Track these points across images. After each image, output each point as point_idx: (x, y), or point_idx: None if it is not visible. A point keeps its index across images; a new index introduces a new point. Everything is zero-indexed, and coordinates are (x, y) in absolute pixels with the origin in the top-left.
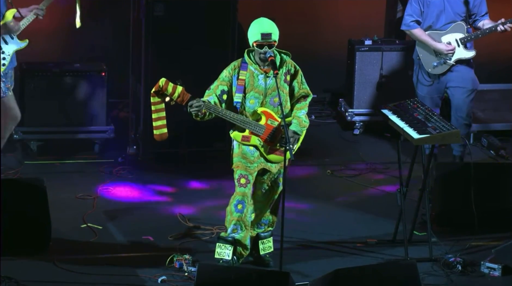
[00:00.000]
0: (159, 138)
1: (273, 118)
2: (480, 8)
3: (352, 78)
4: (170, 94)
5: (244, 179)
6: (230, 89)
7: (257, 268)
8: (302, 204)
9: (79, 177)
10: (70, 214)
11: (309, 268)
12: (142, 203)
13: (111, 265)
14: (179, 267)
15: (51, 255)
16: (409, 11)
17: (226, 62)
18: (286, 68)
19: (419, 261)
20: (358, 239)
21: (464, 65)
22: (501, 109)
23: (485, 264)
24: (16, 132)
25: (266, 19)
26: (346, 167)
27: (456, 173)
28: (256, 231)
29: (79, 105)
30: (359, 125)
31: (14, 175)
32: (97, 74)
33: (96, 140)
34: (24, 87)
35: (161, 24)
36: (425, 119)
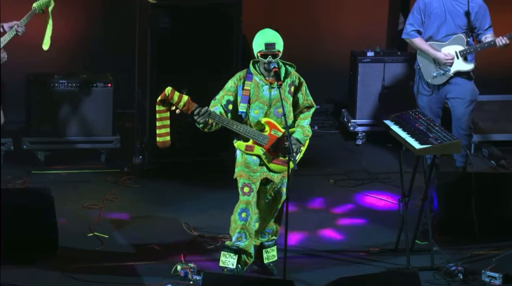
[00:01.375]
0: (162, 145)
1: (276, 129)
2: (482, 21)
3: (355, 89)
4: (176, 103)
5: (247, 188)
6: (235, 99)
7: (261, 277)
8: (306, 214)
9: (86, 187)
10: (77, 223)
11: (312, 276)
12: (148, 212)
13: (117, 274)
14: (184, 276)
15: (57, 263)
16: (411, 21)
17: (231, 73)
18: (290, 80)
19: (421, 270)
20: (360, 248)
21: (464, 77)
22: (501, 119)
23: (486, 273)
24: (24, 142)
25: (270, 29)
26: (348, 177)
27: (458, 182)
28: (260, 240)
29: (86, 115)
30: (362, 135)
31: (21, 184)
32: (103, 85)
33: (102, 150)
34: (31, 97)
35: (167, 35)
36: (427, 130)
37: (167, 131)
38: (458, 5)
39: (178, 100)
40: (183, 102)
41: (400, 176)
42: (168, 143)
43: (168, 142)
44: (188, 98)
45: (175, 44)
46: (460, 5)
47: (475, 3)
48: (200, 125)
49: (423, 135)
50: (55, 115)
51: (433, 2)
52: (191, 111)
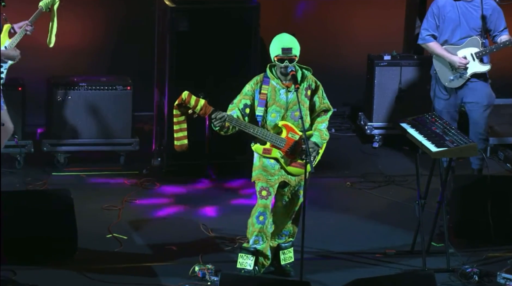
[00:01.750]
0: (179, 148)
1: (294, 132)
2: (497, 23)
3: (372, 92)
4: (193, 106)
5: (265, 192)
6: (252, 103)
7: (278, 278)
8: (322, 216)
9: (105, 189)
10: (96, 225)
11: (329, 278)
12: (166, 213)
13: (135, 275)
14: (202, 277)
15: (76, 264)
16: (425, 26)
17: (248, 76)
18: (307, 83)
19: (437, 272)
20: (377, 250)
21: (480, 80)
22: None
23: (502, 275)
24: (44, 145)
25: (287, 34)
26: (365, 180)
27: (474, 185)
28: (277, 242)
29: (105, 118)
30: (378, 138)
31: (42, 186)
32: (122, 88)
33: (122, 152)
34: (52, 100)
35: (185, 39)
36: (443, 133)
37: (185, 135)
38: (472, 8)
39: (195, 104)
40: (200, 106)
41: (417, 179)
42: (186, 146)
43: (186, 145)
44: (205, 102)
45: (194, 47)
46: (474, 8)
47: (489, 6)
48: (217, 128)
49: (439, 138)
50: (75, 118)
51: (447, 6)
52: (208, 114)
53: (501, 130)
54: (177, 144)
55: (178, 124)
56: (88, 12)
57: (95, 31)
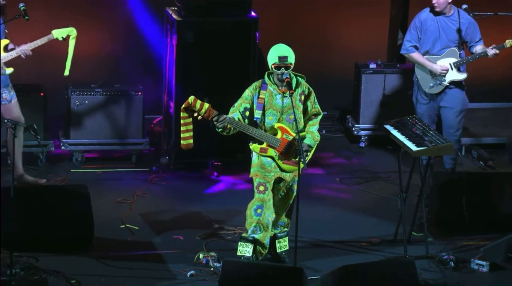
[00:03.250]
0: (185, 147)
1: (288, 133)
2: (473, 35)
3: (358, 97)
4: (198, 110)
5: (262, 187)
6: (251, 106)
7: (274, 264)
8: (314, 208)
9: (119, 184)
10: (111, 216)
11: (320, 264)
12: (173, 206)
13: (146, 261)
14: (205, 263)
15: (93, 252)
16: (408, 38)
17: (247, 82)
18: (301, 89)
19: (417, 259)
20: (363, 239)
21: (457, 87)
22: (490, 125)
23: (475, 261)
24: (64, 144)
25: (283, 44)
26: (353, 176)
27: (450, 181)
28: (273, 232)
29: (119, 120)
30: (365, 139)
31: (61, 182)
32: (134, 93)
33: (133, 151)
34: (70, 104)
35: (191, 49)
36: (423, 134)
37: (190, 135)
38: (450, 22)
39: (200, 107)
40: (204, 109)
41: (399, 175)
42: (191, 146)
43: (191, 144)
44: (208, 105)
45: (199, 57)
46: (452, 22)
47: (465, 19)
48: (219, 130)
49: (419, 139)
50: (92, 120)
51: (428, 20)
52: (211, 117)
53: (475, 131)
54: (183, 143)
55: (184, 126)
56: (106, 25)
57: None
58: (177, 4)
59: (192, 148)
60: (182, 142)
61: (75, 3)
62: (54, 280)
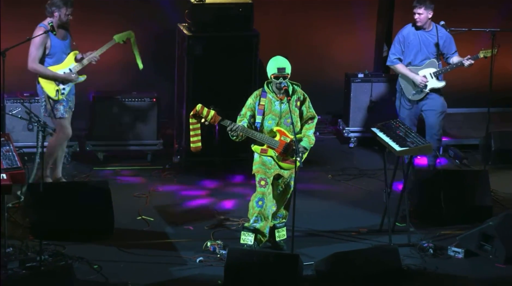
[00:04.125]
0: (194, 150)
1: (285, 135)
2: (449, 48)
3: (348, 103)
4: (205, 116)
5: (263, 181)
6: (254, 113)
7: (273, 251)
8: (309, 201)
9: (135, 180)
10: (128, 209)
11: (314, 251)
12: (184, 200)
13: (160, 249)
14: (213, 250)
15: (113, 241)
16: (393, 51)
17: (249, 90)
18: (297, 96)
19: (400, 246)
20: (352, 229)
21: (436, 93)
22: (464, 127)
23: (451, 249)
24: (87, 145)
25: (281, 56)
26: (343, 173)
27: (429, 177)
28: (273, 223)
29: (136, 123)
30: (354, 140)
31: (85, 178)
32: (149, 100)
33: (149, 151)
34: (93, 110)
35: (199, 61)
36: (405, 135)
37: (199, 139)
38: (429, 36)
39: (207, 114)
40: (211, 116)
41: (384, 172)
42: (199, 148)
43: (200, 147)
44: (214, 112)
45: (206, 68)
46: (431, 36)
47: (442, 34)
48: (233, 138)
49: (402, 140)
50: (112, 124)
51: (410, 35)
52: (217, 122)
53: (451, 133)
54: (193, 146)
55: (193, 130)
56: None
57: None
58: (188, 21)
59: (200, 150)
60: (192, 145)
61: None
62: (78, 265)
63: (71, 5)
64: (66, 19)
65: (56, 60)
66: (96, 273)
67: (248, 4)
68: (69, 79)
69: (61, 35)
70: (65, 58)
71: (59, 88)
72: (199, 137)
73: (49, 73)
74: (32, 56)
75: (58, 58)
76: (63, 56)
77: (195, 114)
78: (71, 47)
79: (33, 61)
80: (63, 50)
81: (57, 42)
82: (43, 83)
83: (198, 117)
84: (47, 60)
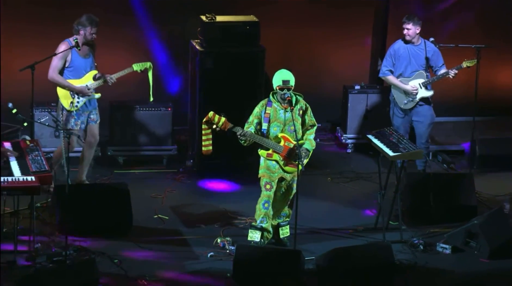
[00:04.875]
0: (206, 153)
1: (289, 141)
2: (437, 61)
3: (346, 112)
4: (216, 123)
5: (269, 185)
6: (260, 120)
7: (278, 247)
8: (310, 202)
9: (152, 182)
10: (146, 208)
11: (315, 247)
12: (196, 200)
13: (174, 245)
14: (222, 246)
15: (132, 237)
16: (385, 64)
17: (255, 100)
18: (299, 106)
19: (393, 243)
20: (349, 227)
21: (426, 104)
22: (452, 135)
23: (440, 245)
24: (108, 150)
25: (285, 70)
26: (341, 176)
27: (420, 180)
28: (277, 221)
29: (152, 130)
30: (351, 146)
31: (106, 180)
32: (165, 109)
33: (164, 156)
34: (113, 118)
35: (210, 73)
36: (398, 142)
37: (210, 143)
38: (418, 50)
39: (218, 121)
40: (221, 122)
41: (379, 175)
42: (210, 152)
43: (210, 150)
44: (225, 119)
45: (217, 79)
46: (420, 50)
47: (430, 48)
48: (242, 141)
49: (395, 146)
50: (130, 131)
51: (401, 49)
52: (227, 128)
53: (440, 140)
54: (204, 150)
55: (205, 136)
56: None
57: None
58: (200, 37)
59: (211, 153)
60: (203, 149)
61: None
62: (100, 259)
63: (96, 25)
64: (90, 37)
65: (76, 74)
66: (116, 266)
67: (254, 22)
68: (83, 92)
69: (84, 53)
70: (85, 75)
71: (73, 101)
72: (210, 141)
73: (65, 84)
74: (52, 66)
75: (78, 74)
76: (83, 72)
77: (207, 120)
78: (92, 66)
79: (53, 71)
80: (84, 67)
81: (77, 58)
82: (60, 94)
83: (209, 123)
84: (66, 72)
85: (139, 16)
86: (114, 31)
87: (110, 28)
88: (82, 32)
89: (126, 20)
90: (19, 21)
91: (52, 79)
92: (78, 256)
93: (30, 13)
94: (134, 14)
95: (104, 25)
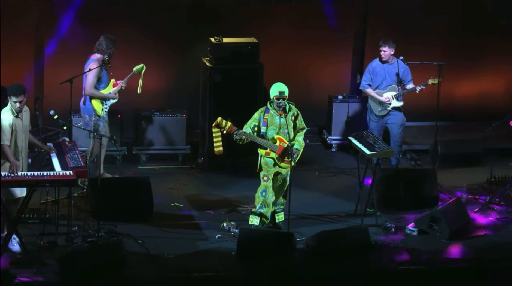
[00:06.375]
0: (217, 153)
1: (283, 142)
2: (406, 77)
3: (331, 118)
4: (223, 127)
5: (266, 177)
6: (259, 124)
7: (274, 230)
8: (301, 192)
9: (169, 176)
10: (164, 198)
11: (305, 230)
12: (207, 191)
13: (187, 228)
14: (228, 229)
15: (153, 222)
16: (364, 78)
17: (256, 108)
18: (292, 112)
19: (370, 226)
20: (334, 213)
21: (397, 111)
22: (418, 136)
23: (408, 228)
24: (134, 149)
25: (281, 83)
26: (327, 171)
27: (392, 174)
28: (273, 208)
29: (170, 133)
30: (335, 146)
31: (131, 174)
32: (180, 115)
33: (179, 154)
34: (137, 123)
35: (218, 86)
36: (374, 142)
37: (220, 144)
38: (392, 68)
39: (225, 125)
40: (228, 126)
41: (358, 170)
42: (221, 152)
43: (221, 151)
44: (231, 123)
45: (224, 91)
46: (393, 67)
47: (401, 66)
48: (236, 139)
49: (371, 146)
50: (152, 133)
51: (377, 66)
52: (233, 132)
53: (408, 140)
54: (216, 150)
55: (215, 137)
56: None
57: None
58: (210, 55)
59: (222, 153)
60: (215, 149)
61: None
62: (127, 240)
63: (116, 44)
64: (112, 54)
65: (104, 85)
66: (140, 246)
67: (255, 43)
68: (114, 98)
69: (105, 67)
70: (108, 84)
71: (103, 107)
72: (220, 143)
73: (102, 95)
74: (89, 83)
75: (105, 85)
76: (107, 82)
77: (216, 124)
78: (108, 76)
79: (90, 87)
80: (107, 78)
81: (105, 72)
82: (94, 103)
83: (218, 127)
84: (97, 86)
85: (159, 43)
86: (144, 53)
87: (138, 47)
88: (109, 51)
89: (153, 46)
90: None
91: (92, 94)
92: (108, 237)
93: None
94: (155, 39)
95: (133, 44)
